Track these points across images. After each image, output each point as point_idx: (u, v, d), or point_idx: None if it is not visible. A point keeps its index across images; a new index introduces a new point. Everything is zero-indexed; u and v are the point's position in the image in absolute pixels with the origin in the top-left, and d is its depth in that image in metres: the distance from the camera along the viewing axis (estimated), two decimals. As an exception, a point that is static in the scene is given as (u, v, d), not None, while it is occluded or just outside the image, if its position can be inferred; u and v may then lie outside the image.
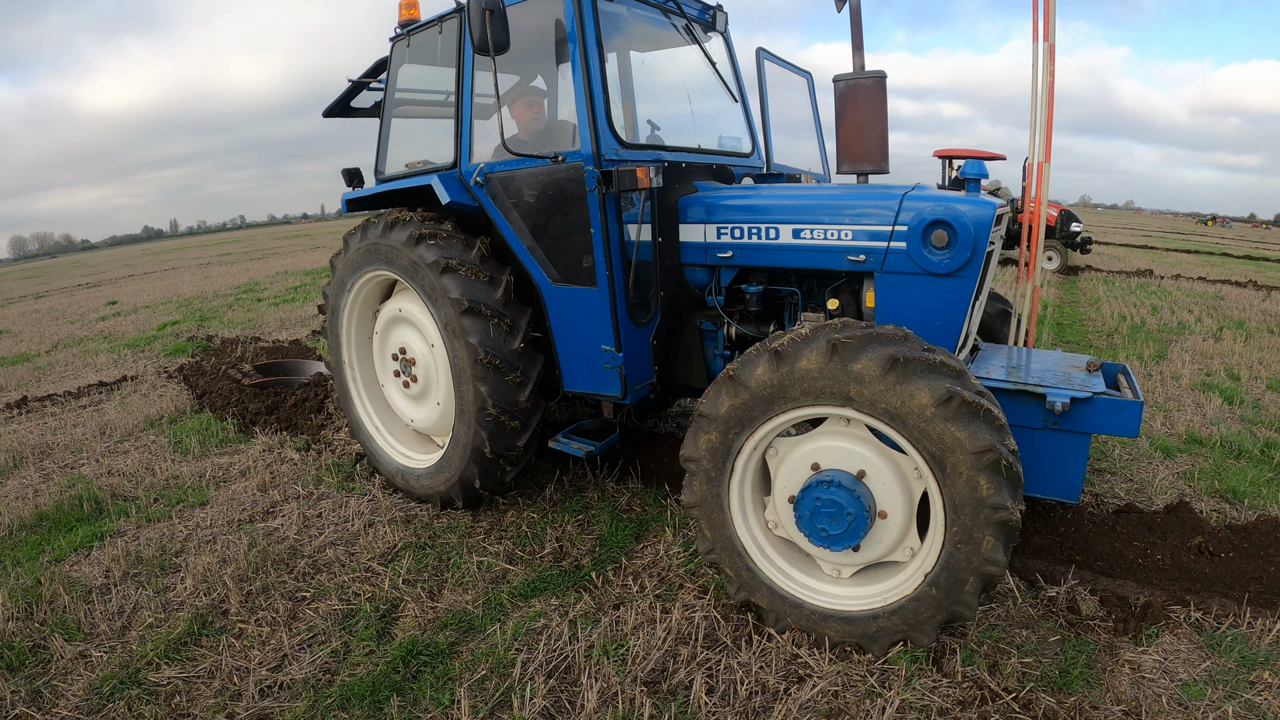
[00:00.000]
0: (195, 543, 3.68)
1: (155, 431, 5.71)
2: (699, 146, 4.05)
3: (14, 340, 11.71)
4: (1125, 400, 2.69)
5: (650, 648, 2.53)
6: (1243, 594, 2.96)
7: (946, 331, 2.93)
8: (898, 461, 2.45)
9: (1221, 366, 6.61)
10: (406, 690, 2.41)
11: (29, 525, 4.05)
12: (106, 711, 2.49)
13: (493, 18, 2.86)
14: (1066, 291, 11.94)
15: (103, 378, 8.00)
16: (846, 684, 2.41)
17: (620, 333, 3.30)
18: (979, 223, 2.79)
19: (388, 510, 3.86)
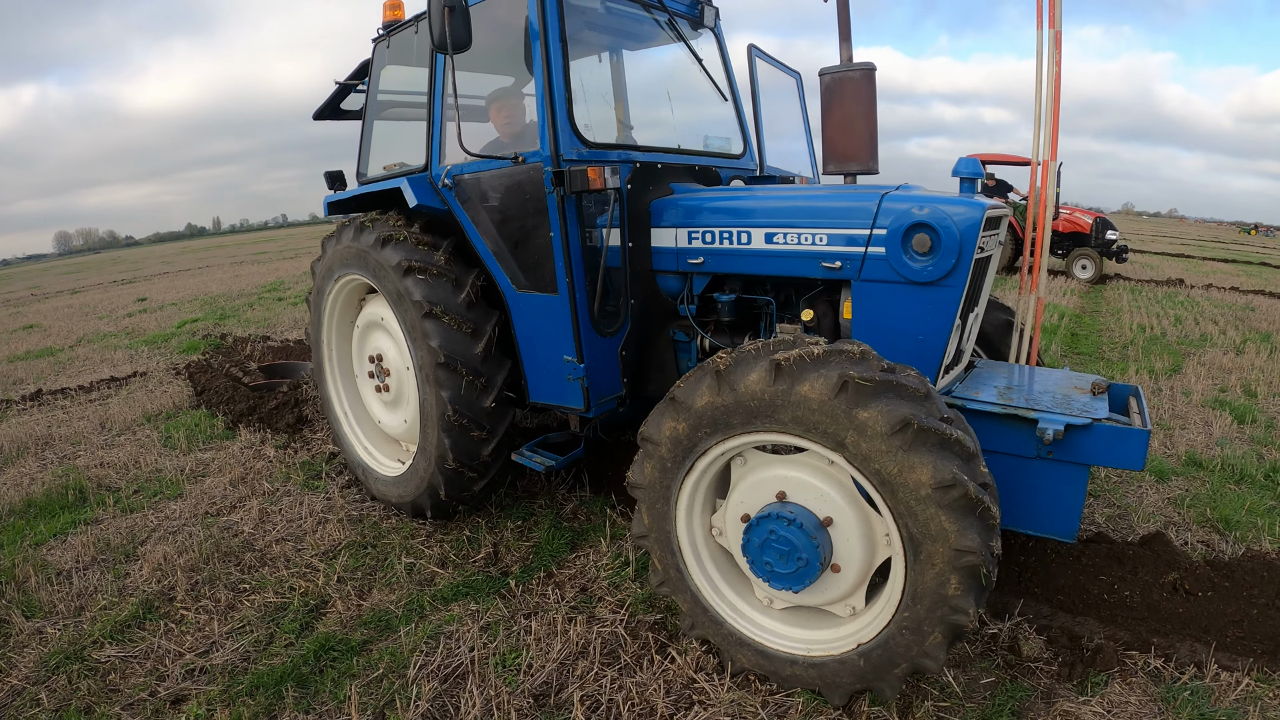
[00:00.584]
0: (161, 533, 3.97)
1: (150, 426, 6.08)
2: (678, 147, 3.96)
3: (42, 334, 12.40)
4: (1129, 428, 2.46)
5: (547, 660, 2.63)
6: (1217, 639, 2.78)
7: (930, 346, 2.73)
8: (870, 520, 2.27)
9: (1239, 382, 6.44)
10: (310, 683, 2.62)
11: (17, 511, 4.40)
12: (50, 683, 2.75)
13: (452, 15, 2.79)
14: (1089, 300, 11.75)
15: (115, 373, 8.47)
16: (738, 714, 2.39)
17: (582, 343, 3.21)
18: (965, 226, 2.57)
19: (341, 509, 4.10)
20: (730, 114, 4.25)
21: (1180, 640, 2.80)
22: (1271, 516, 3.77)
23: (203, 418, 6.22)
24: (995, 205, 2.79)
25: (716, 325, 3.38)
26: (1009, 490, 2.58)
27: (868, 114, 3.11)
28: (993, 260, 3.05)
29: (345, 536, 3.77)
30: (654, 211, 3.38)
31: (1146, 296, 12.21)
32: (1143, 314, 10.25)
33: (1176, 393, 6.10)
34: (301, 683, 2.61)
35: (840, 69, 3.11)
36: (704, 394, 2.32)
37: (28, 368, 9.29)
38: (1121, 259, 14.33)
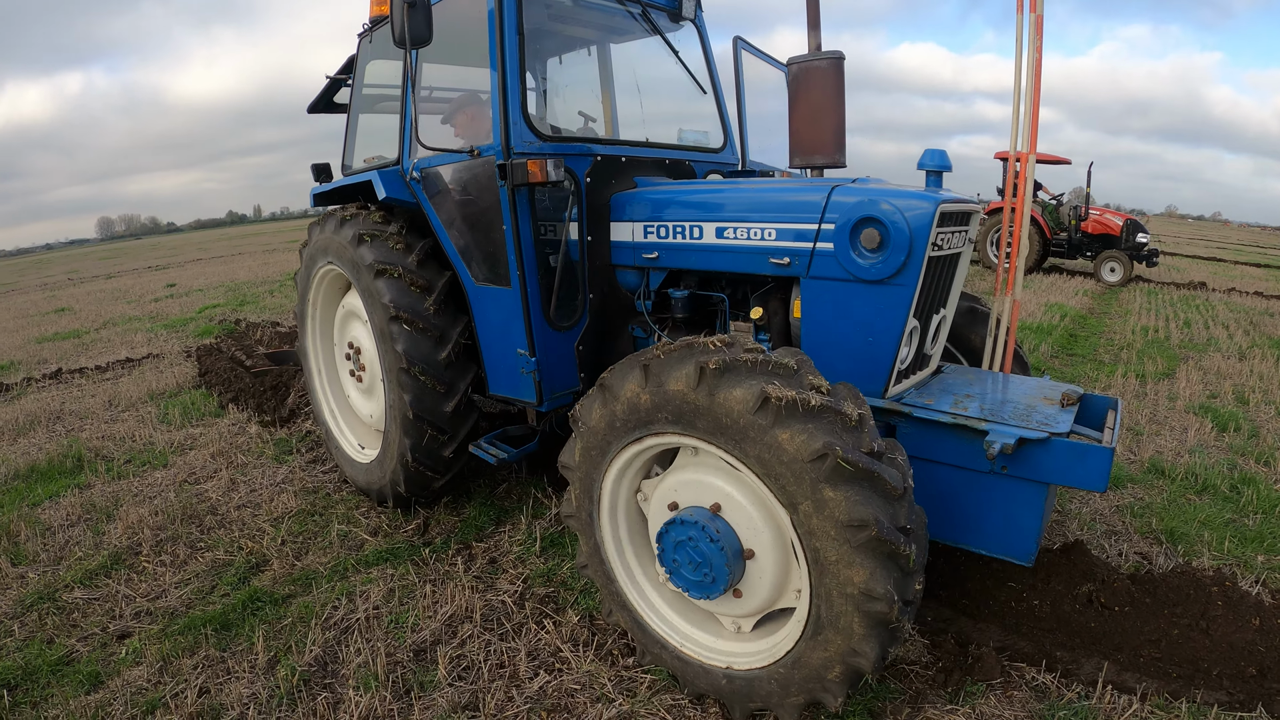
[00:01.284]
0: (140, 497, 4.48)
1: (152, 404, 6.67)
2: (646, 140, 4.02)
3: (71, 317, 13.30)
4: (1089, 446, 2.31)
5: (435, 620, 2.96)
6: (1128, 658, 2.72)
7: (880, 350, 2.63)
8: (791, 569, 2.22)
9: (1233, 388, 6.41)
10: (232, 627, 3.06)
11: (21, 475, 4.98)
12: (23, 617, 3.26)
13: (412, 11, 2.83)
14: (1100, 302, 11.68)
15: (131, 354, 9.16)
16: (588, 684, 2.58)
17: (535, 337, 3.25)
18: (917, 221, 2.47)
19: (299, 481, 4.57)
20: (711, 108, 4.26)
21: (1086, 656, 2.72)
22: (1223, 531, 3.68)
23: (200, 397, 6.79)
24: (958, 200, 2.68)
25: (672, 322, 3.37)
26: (960, 506, 2.54)
27: (835, 105, 3.02)
28: (962, 258, 2.97)
29: (297, 505, 4.23)
30: (614, 206, 3.39)
31: (1162, 299, 12.07)
32: (1152, 316, 10.21)
33: (1162, 397, 6.11)
34: (225, 626, 3.06)
35: (807, 58, 3.02)
36: (631, 386, 2.25)
37: (53, 348, 10.08)
38: (1152, 263, 14.10)
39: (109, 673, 2.81)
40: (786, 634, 2.22)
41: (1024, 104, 3.06)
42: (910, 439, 2.62)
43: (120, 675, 2.78)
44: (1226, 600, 3.01)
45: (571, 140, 3.50)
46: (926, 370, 3.05)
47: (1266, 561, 3.40)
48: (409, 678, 2.64)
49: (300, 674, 2.68)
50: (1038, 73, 3.03)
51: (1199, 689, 2.60)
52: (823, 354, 2.76)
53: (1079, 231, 14.42)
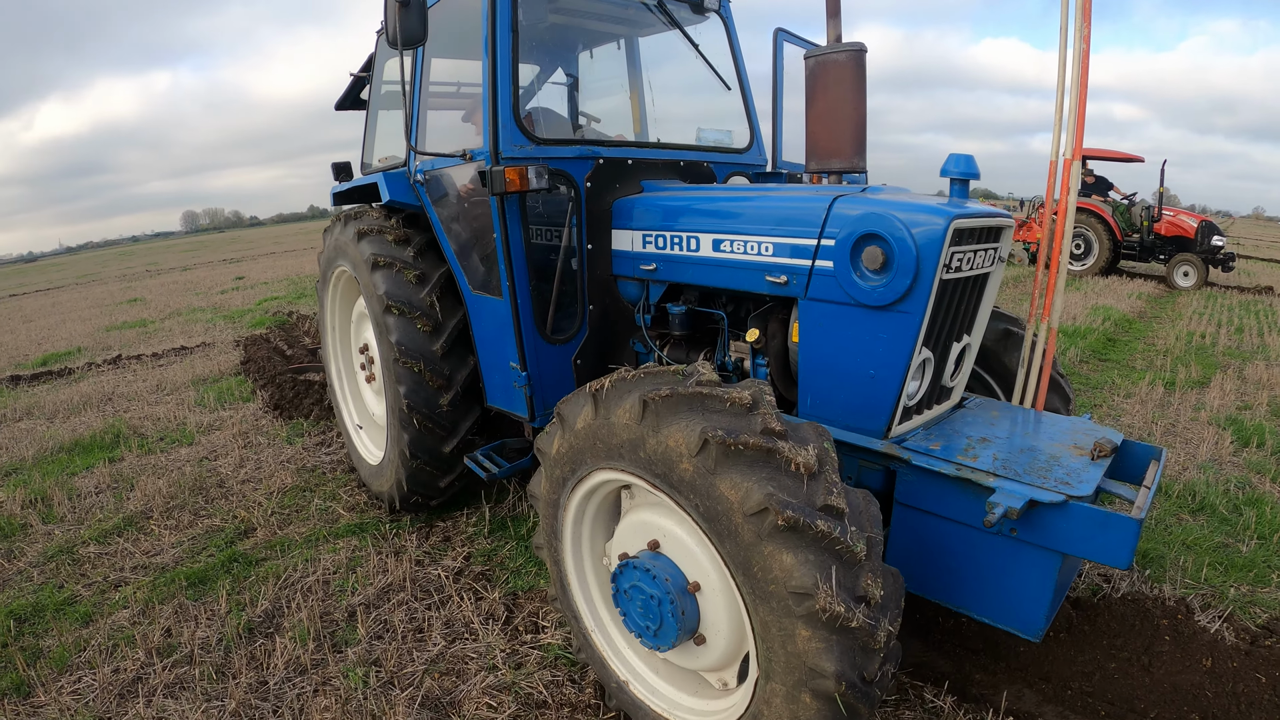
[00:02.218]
0: (162, 471, 5.06)
1: (194, 389, 7.38)
2: (658, 141, 3.94)
3: (142, 307, 14.55)
4: (1113, 515, 2.00)
5: (373, 587, 3.33)
6: (1054, 689, 2.62)
7: (883, 384, 2.38)
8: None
9: (1269, 399, 6.14)
10: (207, 581, 3.53)
11: (65, 449, 5.67)
12: (43, 566, 3.81)
13: (404, 10, 2.81)
14: (1153, 305, 11.31)
15: (186, 343, 10.05)
16: (484, 654, 2.82)
17: (526, 349, 3.17)
18: (925, 239, 2.20)
19: (300, 460, 5.06)
20: (740, 105, 4.09)
21: (1008, 682, 2.62)
22: (1207, 556, 3.50)
23: (236, 383, 7.46)
24: (981, 214, 2.36)
25: (672, 339, 3.23)
26: (963, 568, 2.32)
27: (855, 104, 2.77)
28: (991, 279, 2.65)
29: (293, 481, 4.71)
30: (615, 212, 3.22)
31: (1220, 304, 11.53)
32: (1204, 322, 9.83)
33: (1187, 406, 5.93)
34: (202, 580, 3.53)
35: (825, 51, 2.78)
36: (583, 417, 2.15)
37: (119, 336, 11.13)
38: (1228, 267, 13.50)
39: (100, 613, 3.31)
40: (744, 692, 2.07)
41: (1069, 101, 2.75)
42: (910, 488, 2.41)
43: (108, 616, 3.27)
44: (1176, 636, 2.83)
45: (570, 143, 3.32)
46: (947, 404, 2.76)
47: (1248, 594, 3.22)
48: (335, 634, 3.03)
49: (247, 623, 3.10)
50: (1085, 66, 2.71)
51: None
52: (821, 385, 2.58)
53: (1151, 233, 13.90)
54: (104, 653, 2.97)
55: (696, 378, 2.00)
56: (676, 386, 1.96)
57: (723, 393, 1.91)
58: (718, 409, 1.89)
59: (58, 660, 2.95)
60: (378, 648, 2.88)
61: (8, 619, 3.26)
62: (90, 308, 16.13)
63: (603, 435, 2.08)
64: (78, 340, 11.18)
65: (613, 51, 4.42)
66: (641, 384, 2.03)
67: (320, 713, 2.47)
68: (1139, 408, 5.85)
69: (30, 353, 10.52)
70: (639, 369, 2.12)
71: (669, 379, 2.02)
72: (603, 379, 2.14)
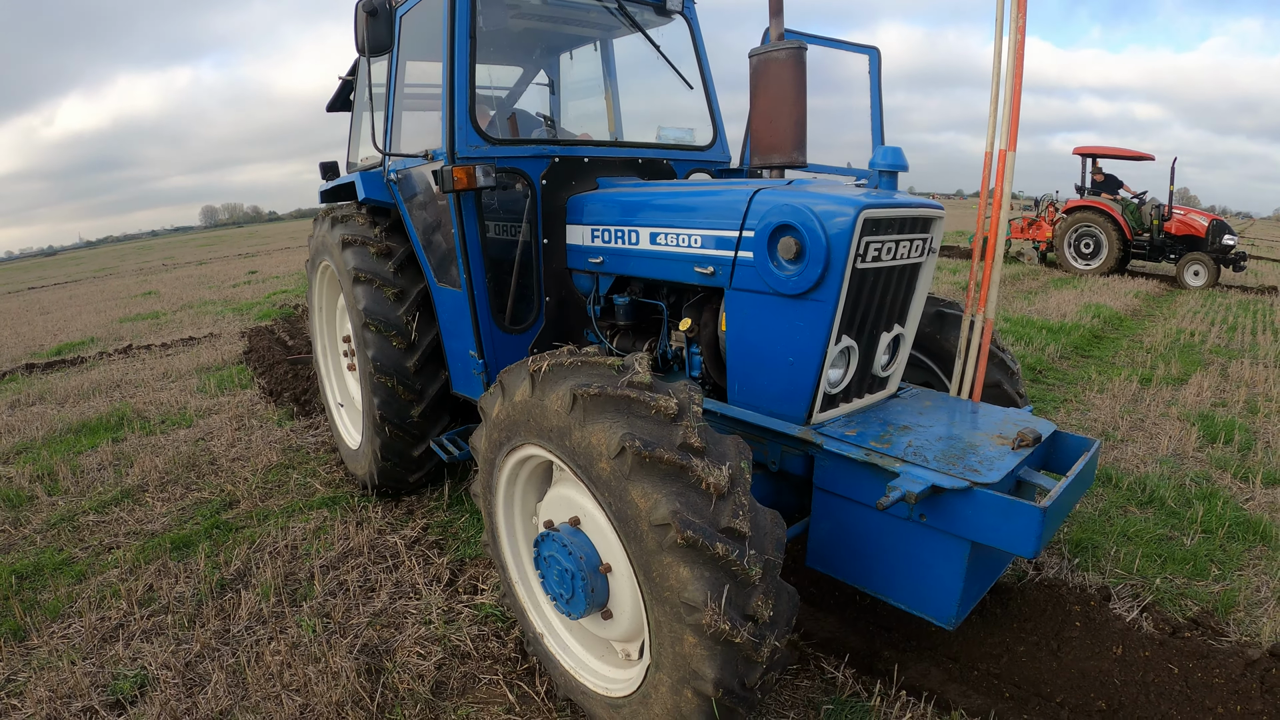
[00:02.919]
0: (160, 450, 5.46)
1: (197, 376, 7.79)
2: (615, 140, 4.13)
3: (156, 300, 15.11)
4: (1015, 502, 2.05)
5: (335, 551, 3.66)
6: (959, 668, 2.70)
7: (801, 373, 2.49)
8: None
9: (1247, 397, 6.19)
10: (190, 545, 3.90)
11: (74, 430, 6.10)
12: (46, 532, 4.21)
13: (372, 19, 2.98)
14: (1149, 303, 11.38)
15: (194, 334, 10.50)
16: (423, 611, 3.11)
17: (483, 338, 3.35)
18: (835, 229, 2.28)
19: (286, 441, 5.44)
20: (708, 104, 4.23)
21: (916, 660, 2.72)
22: (1144, 546, 3.61)
23: (238, 371, 7.87)
24: (897, 204, 2.44)
25: (620, 330, 3.39)
26: (878, 554, 2.40)
27: (795, 100, 2.85)
28: (922, 271, 2.76)
29: (278, 460, 5.08)
30: (569, 208, 3.40)
31: (1219, 303, 11.56)
32: (1196, 319, 9.91)
33: (1159, 402, 6.04)
34: (186, 544, 3.90)
35: (767, 49, 2.85)
36: (521, 391, 2.27)
37: (131, 327, 11.63)
38: (1239, 267, 13.44)
39: (93, 572, 3.69)
40: (641, 668, 2.20)
41: (1004, 93, 2.79)
42: (826, 473, 2.51)
43: (100, 574, 3.65)
44: (1088, 623, 2.91)
45: (525, 142, 3.53)
46: (881, 394, 2.87)
47: (1183, 586, 3.30)
48: (296, 591, 3.38)
49: (219, 580, 3.47)
50: (1019, 58, 2.74)
51: (1031, 715, 2.51)
52: (747, 372, 2.71)
53: (1162, 233, 13.90)
54: (92, 604, 3.34)
55: (629, 376, 2.06)
56: (606, 386, 2.02)
57: (650, 398, 1.98)
58: (642, 415, 1.97)
59: (51, 610, 3.33)
60: (330, 603, 3.22)
61: (10, 576, 3.65)
62: (106, 300, 16.75)
63: (536, 414, 2.19)
64: (92, 331, 11.71)
65: (590, 53, 4.64)
66: (576, 374, 2.12)
67: (271, 655, 2.81)
68: (1109, 403, 5.95)
69: (46, 343, 11.05)
70: (579, 354, 2.22)
71: (602, 374, 2.10)
72: (543, 358, 2.23)
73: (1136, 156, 15.32)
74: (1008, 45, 2.75)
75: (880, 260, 2.47)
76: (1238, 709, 2.51)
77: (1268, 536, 3.73)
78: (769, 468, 2.77)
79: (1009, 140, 2.82)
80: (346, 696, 2.57)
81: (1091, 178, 15.10)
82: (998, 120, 2.85)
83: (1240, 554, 3.59)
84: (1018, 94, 2.77)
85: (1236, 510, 4.01)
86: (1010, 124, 2.81)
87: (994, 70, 2.82)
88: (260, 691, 2.64)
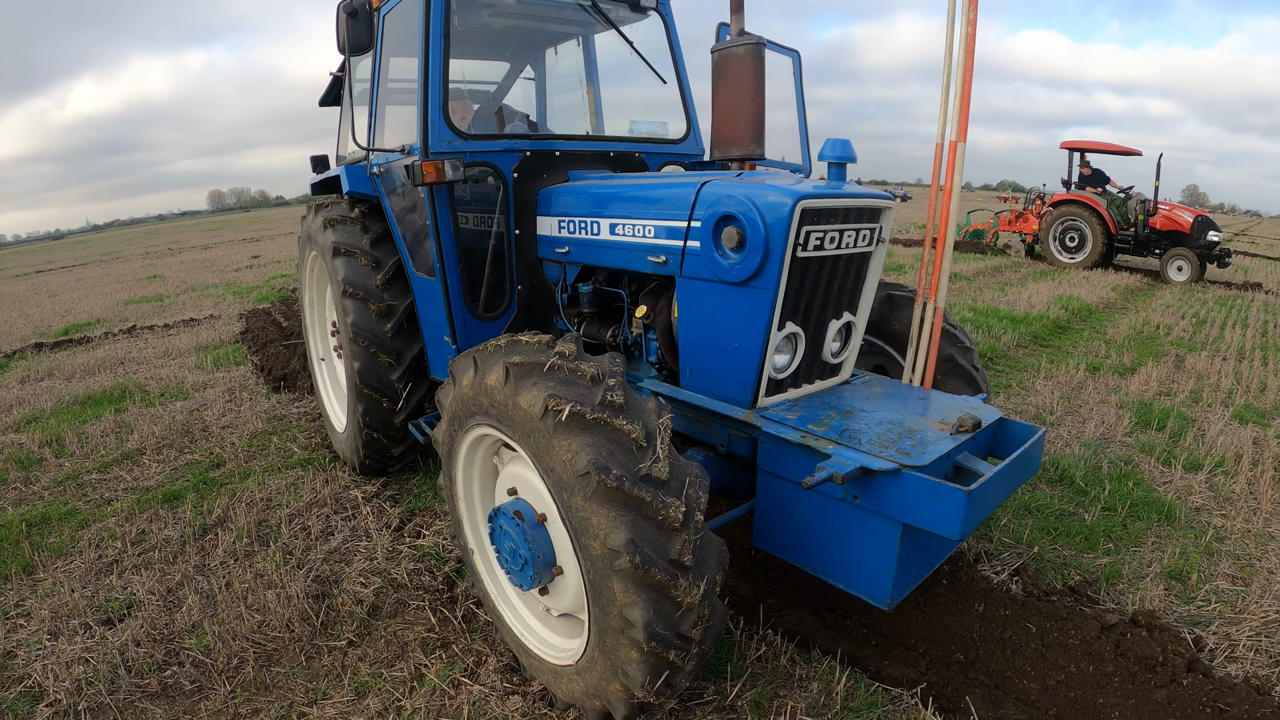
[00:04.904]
0: (158, 419, 5.98)
1: (195, 354, 8.33)
2: (585, 134, 4.33)
3: (160, 283, 15.69)
4: (940, 485, 2.13)
5: (302, 502, 4.18)
6: (839, 619, 2.96)
7: (745, 357, 2.62)
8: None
9: (1194, 387, 6.34)
10: (179, 497, 4.42)
11: (79, 401, 6.64)
12: (54, 489, 4.74)
13: (353, 20, 3.16)
14: (1124, 297, 11.63)
15: (195, 315, 11.05)
16: (370, 549, 3.60)
17: (456, 325, 3.49)
18: (774, 218, 2.40)
19: (272, 412, 5.95)
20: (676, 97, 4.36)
21: (793, 608, 3.06)
22: (1041, 520, 3.82)
23: (234, 350, 8.40)
24: (840, 195, 2.55)
25: (585, 317, 3.55)
26: (817, 534, 2.51)
27: (754, 94, 2.95)
28: (872, 260, 2.88)
29: (263, 427, 5.60)
30: (540, 200, 3.53)
31: (1198, 298, 11.72)
32: (1170, 313, 10.07)
33: (1102, 389, 6.23)
34: (176, 497, 4.42)
35: (728, 45, 2.95)
36: (468, 375, 2.41)
37: (135, 309, 12.20)
38: (1223, 263, 13.63)
39: (94, 520, 4.21)
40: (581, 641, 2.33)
41: (955, 85, 2.86)
42: (768, 455, 2.62)
43: (100, 522, 4.17)
44: (954, 582, 3.14)
45: (497, 137, 3.68)
46: (833, 380, 2.99)
47: (1072, 558, 3.50)
48: (265, 534, 3.90)
49: (202, 525, 4.00)
50: (970, 51, 2.80)
51: (892, 663, 2.77)
52: (697, 357, 2.85)
53: (1147, 228, 14.10)
54: (92, 544, 3.86)
55: (556, 348, 2.23)
56: (534, 356, 2.20)
57: (573, 365, 2.15)
58: (565, 379, 2.13)
59: (56, 550, 3.86)
60: (293, 543, 3.73)
61: (21, 524, 4.17)
62: (112, 283, 17.37)
63: (481, 395, 2.35)
64: (98, 313, 12.29)
65: (574, 49, 4.84)
66: (510, 351, 2.28)
67: (239, 583, 3.32)
68: (1052, 389, 6.17)
69: (53, 324, 11.63)
70: (512, 338, 2.39)
71: (533, 349, 2.26)
72: (485, 344, 2.42)
73: (1123, 151, 15.51)
74: (959, 38, 2.83)
75: (823, 249, 2.58)
76: (1090, 669, 2.72)
77: (1172, 517, 3.92)
78: (719, 450, 2.93)
79: (959, 131, 2.91)
80: (296, 615, 3.08)
81: (1080, 172, 15.33)
82: (949, 112, 2.93)
83: (1140, 532, 3.78)
84: (968, 86, 2.86)
85: (1147, 491, 4.20)
86: (960, 116, 2.89)
87: (945, 63, 2.89)
88: (227, 610, 3.15)
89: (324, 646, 2.96)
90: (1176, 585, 3.33)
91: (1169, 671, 2.66)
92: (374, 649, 2.94)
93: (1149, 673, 2.68)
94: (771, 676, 2.68)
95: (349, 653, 2.92)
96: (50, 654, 2.94)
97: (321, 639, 3.01)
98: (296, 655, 2.91)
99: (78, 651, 2.92)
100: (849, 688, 2.59)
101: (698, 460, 2.87)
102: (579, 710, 2.41)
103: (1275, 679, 2.71)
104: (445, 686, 2.67)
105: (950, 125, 2.93)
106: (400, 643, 2.96)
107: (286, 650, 2.94)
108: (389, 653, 2.91)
